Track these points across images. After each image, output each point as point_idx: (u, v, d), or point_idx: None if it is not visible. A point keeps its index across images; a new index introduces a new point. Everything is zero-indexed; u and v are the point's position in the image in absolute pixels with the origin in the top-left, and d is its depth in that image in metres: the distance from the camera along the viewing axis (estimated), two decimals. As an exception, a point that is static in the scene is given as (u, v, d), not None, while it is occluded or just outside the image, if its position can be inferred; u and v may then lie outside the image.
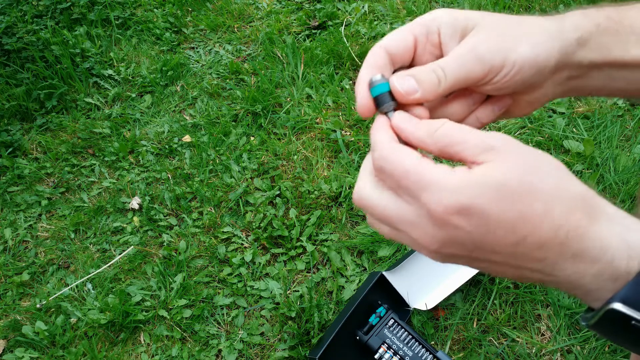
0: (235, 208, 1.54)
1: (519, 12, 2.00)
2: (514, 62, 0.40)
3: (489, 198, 0.32)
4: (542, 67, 0.41)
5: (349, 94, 1.79)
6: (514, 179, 0.32)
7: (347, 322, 1.12)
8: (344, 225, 1.45)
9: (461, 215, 0.33)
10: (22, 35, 2.07)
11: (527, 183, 0.33)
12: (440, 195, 0.33)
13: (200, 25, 2.26)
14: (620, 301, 0.32)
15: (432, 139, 0.37)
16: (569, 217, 0.33)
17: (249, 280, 1.37)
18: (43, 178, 1.73)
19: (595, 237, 0.33)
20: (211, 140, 1.73)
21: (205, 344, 1.28)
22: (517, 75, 0.40)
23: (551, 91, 0.44)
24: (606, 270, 0.33)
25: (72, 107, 1.95)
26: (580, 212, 0.33)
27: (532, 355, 1.16)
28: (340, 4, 2.23)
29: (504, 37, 0.40)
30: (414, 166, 0.35)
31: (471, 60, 0.40)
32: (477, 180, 0.33)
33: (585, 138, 1.51)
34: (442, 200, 0.33)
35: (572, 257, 0.33)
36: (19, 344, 1.31)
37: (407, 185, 0.35)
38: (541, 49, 0.40)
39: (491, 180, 0.33)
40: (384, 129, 0.39)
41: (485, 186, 0.32)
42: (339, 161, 1.61)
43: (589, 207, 0.33)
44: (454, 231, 0.34)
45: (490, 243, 0.33)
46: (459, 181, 0.33)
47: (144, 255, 1.46)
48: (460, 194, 0.33)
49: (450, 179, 0.33)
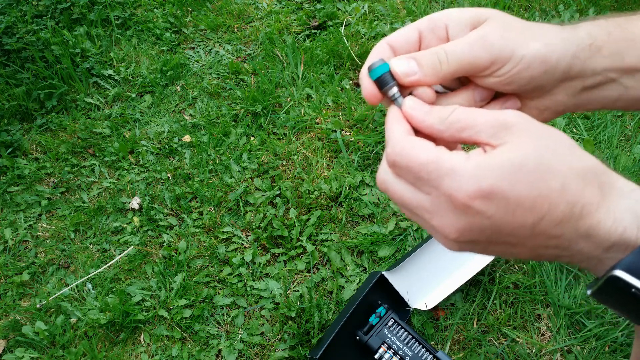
0: (235, 208, 1.54)
1: (518, 12, 2.00)
2: (523, 56, 0.39)
3: (509, 180, 0.33)
4: (552, 68, 0.40)
5: (349, 94, 1.79)
6: (531, 159, 0.33)
7: (347, 322, 1.11)
8: (344, 225, 1.45)
9: (483, 199, 0.33)
10: (22, 35, 2.07)
11: (544, 162, 0.33)
12: (460, 181, 0.33)
13: (200, 25, 2.26)
14: (622, 269, 0.33)
15: (444, 125, 0.37)
16: (584, 193, 0.33)
17: (249, 280, 1.37)
18: (43, 178, 1.73)
19: (609, 210, 0.34)
20: (211, 140, 1.73)
21: (205, 344, 1.28)
22: (524, 71, 0.40)
23: (564, 100, 0.43)
24: (617, 242, 0.34)
25: (72, 107, 1.95)
26: (594, 186, 0.34)
27: (532, 355, 1.16)
28: (340, 4, 2.23)
29: (517, 32, 0.40)
30: (431, 157, 0.35)
31: (478, 46, 0.39)
32: (496, 163, 0.33)
33: (585, 138, 1.51)
34: (463, 186, 0.33)
35: (587, 231, 0.34)
36: (19, 344, 1.31)
37: (426, 177, 0.35)
38: (554, 49, 0.40)
39: (509, 163, 0.33)
40: (396, 120, 0.39)
41: (504, 169, 0.33)
42: (339, 161, 1.61)
43: (602, 182, 0.34)
44: (475, 217, 0.34)
45: (509, 225, 0.34)
46: (478, 166, 0.33)
47: (144, 255, 1.46)
48: (482, 179, 0.33)
49: (469, 164, 0.33)
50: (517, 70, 0.40)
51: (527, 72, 0.40)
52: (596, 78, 0.42)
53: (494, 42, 0.39)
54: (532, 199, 0.33)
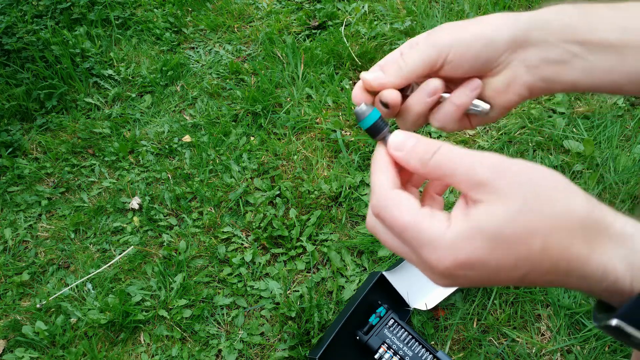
0: (235, 208, 1.54)
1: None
2: (462, 38, 0.43)
3: (487, 249, 0.33)
4: (491, 40, 0.43)
5: (349, 94, 1.79)
6: (508, 226, 0.32)
7: (347, 322, 1.11)
8: (344, 225, 1.45)
9: (463, 268, 0.34)
10: (22, 35, 2.07)
11: (522, 225, 0.32)
12: (439, 254, 0.34)
13: (200, 25, 2.26)
14: (619, 318, 0.33)
15: (426, 170, 0.38)
16: (570, 249, 0.33)
17: (249, 280, 1.37)
18: (43, 178, 1.73)
19: (598, 263, 0.33)
20: (211, 140, 1.73)
21: (205, 344, 1.28)
22: (467, 52, 0.43)
23: (523, 76, 0.45)
24: (611, 287, 0.34)
25: (72, 107, 1.95)
26: (580, 240, 0.33)
27: (532, 355, 1.16)
28: (340, 4, 2.23)
29: (459, 25, 0.44)
30: (412, 223, 0.35)
31: (427, 47, 0.44)
32: (472, 234, 0.33)
33: (585, 138, 1.51)
34: (441, 259, 0.34)
35: (577, 279, 0.34)
36: (19, 344, 1.31)
37: (407, 239, 0.36)
38: (490, 27, 0.44)
39: (485, 232, 0.33)
40: (381, 169, 0.40)
41: (480, 239, 0.33)
42: (339, 161, 1.61)
43: (589, 233, 0.33)
44: (458, 279, 0.35)
45: (495, 279, 0.34)
46: (455, 237, 0.34)
47: (144, 255, 1.46)
48: (459, 250, 0.33)
49: (447, 235, 0.34)
50: (461, 52, 0.43)
51: (470, 51, 0.43)
52: (554, 51, 0.43)
53: (438, 40, 0.44)
54: (513, 262, 0.33)
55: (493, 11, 1.99)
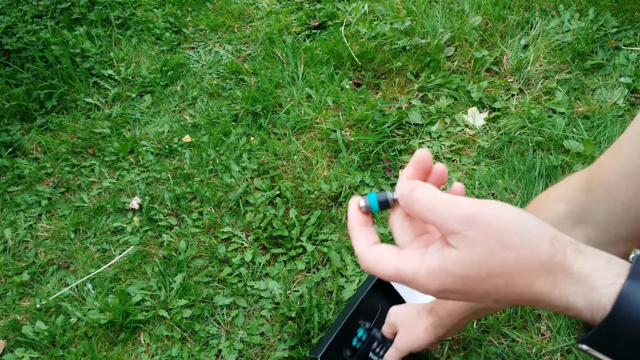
0: (235, 208, 1.54)
1: (518, 12, 2.00)
2: None
3: (458, 284, 0.40)
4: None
5: (349, 94, 1.79)
6: (474, 270, 0.38)
7: (348, 322, 1.11)
8: (344, 225, 1.45)
9: (443, 292, 0.40)
10: (22, 35, 2.07)
11: (485, 270, 0.38)
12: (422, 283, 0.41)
13: (200, 25, 2.26)
14: (586, 344, 0.37)
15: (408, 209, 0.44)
16: (532, 285, 0.38)
17: (249, 280, 1.37)
18: (43, 178, 1.73)
19: (560, 296, 0.38)
20: (211, 140, 1.73)
21: (205, 344, 1.28)
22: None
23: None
24: (578, 316, 0.38)
25: (72, 107, 1.95)
26: (542, 278, 0.38)
27: (532, 355, 1.16)
28: (340, 4, 2.23)
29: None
30: (393, 271, 0.42)
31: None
32: (443, 271, 0.39)
33: (585, 138, 1.51)
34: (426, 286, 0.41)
35: (545, 306, 0.39)
36: (19, 344, 1.31)
37: (398, 280, 0.43)
38: None
39: (454, 274, 0.39)
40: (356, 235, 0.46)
41: (451, 277, 0.39)
42: (339, 161, 1.61)
43: (550, 273, 0.38)
44: (450, 295, 0.41)
45: (473, 299, 0.41)
46: (427, 272, 0.40)
47: (144, 255, 1.46)
48: (433, 283, 0.40)
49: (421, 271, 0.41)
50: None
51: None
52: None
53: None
54: (482, 294, 0.39)
55: (493, 11, 1.99)
